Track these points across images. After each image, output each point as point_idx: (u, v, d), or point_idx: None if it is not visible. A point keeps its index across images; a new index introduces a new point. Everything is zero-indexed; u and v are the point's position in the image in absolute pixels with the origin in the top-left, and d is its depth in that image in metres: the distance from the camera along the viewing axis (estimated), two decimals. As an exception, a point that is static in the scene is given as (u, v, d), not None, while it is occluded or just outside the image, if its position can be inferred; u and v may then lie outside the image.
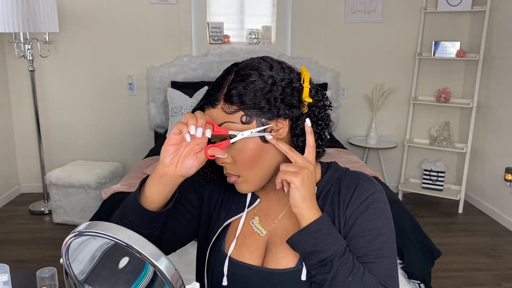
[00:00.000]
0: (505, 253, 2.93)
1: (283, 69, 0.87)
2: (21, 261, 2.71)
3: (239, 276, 0.92)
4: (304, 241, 0.83)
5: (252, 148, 0.85)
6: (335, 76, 3.70)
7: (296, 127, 0.87)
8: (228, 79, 0.85)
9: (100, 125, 3.80)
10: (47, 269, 1.10)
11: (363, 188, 0.89)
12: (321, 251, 0.81)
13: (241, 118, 0.83)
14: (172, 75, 3.60)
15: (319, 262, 0.82)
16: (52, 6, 3.15)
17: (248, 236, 0.94)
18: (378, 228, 0.87)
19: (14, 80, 3.68)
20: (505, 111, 3.34)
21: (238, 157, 0.86)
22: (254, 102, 0.83)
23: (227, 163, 0.88)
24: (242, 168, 0.87)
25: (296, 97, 0.85)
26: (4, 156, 3.66)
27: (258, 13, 3.79)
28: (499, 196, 3.41)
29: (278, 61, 0.89)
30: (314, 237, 0.82)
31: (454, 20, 3.73)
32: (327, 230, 0.82)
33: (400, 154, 3.96)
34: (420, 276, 2.04)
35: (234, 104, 0.83)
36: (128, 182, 2.44)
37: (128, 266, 0.67)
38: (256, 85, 0.83)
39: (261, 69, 0.85)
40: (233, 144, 0.85)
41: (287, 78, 0.85)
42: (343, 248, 0.82)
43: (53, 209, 3.25)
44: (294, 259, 0.89)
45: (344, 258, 0.81)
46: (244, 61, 0.89)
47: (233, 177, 0.89)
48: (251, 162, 0.86)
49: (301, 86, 0.87)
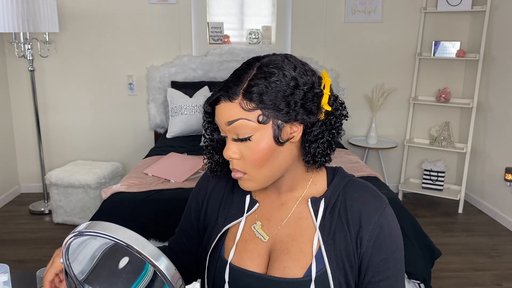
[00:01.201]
0: (505, 253, 2.92)
1: (306, 71, 0.83)
2: (21, 261, 2.71)
3: (241, 283, 0.89)
4: None
5: (265, 147, 0.82)
6: (335, 76, 3.70)
7: (310, 133, 0.84)
8: (249, 74, 0.82)
9: (100, 125, 3.80)
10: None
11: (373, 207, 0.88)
12: None
13: (258, 117, 0.80)
14: (172, 75, 3.60)
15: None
16: (52, 6, 3.15)
17: (249, 241, 0.91)
18: (394, 249, 0.88)
19: (14, 80, 3.68)
20: (505, 111, 3.34)
21: (248, 154, 0.83)
22: (274, 103, 0.80)
23: (235, 158, 0.85)
24: (249, 166, 0.84)
25: (316, 103, 0.82)
26: (4, 156, 3.66)
27: (258, 13, 3.79)
28: (499, 196, 3.41)
29: (302, 62, 0.86)
30: None
31: (454, 20, 3.73)
32: None
33: (400, 154, 3.96)
34: (420, 276, 2.04)
35: (253, 101, 0.80)
36: (128, 182, 2.44)
37: (128, 266, 0.67)
38: (278, 85, 0.80)
39: (285, 69, 0.81)
40: (245, 141, 0.82)
41: (309, 82, 0.82)
42: None
43: (53, 209, 3.25)
44: (302, 270, 0.86)
45: None
46: (267, 57, 0.85)
47: (239, 173, 0.86)
48: (260, 161, 0.83)
49: (321, 92, 0.83)
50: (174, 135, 3.42)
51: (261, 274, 0.88)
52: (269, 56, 0.86)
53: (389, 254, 0.87)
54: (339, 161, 2.71)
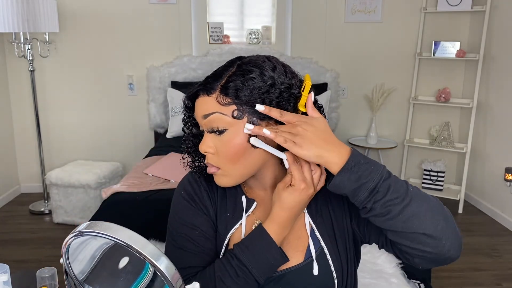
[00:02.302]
0: (505, 253, 2.93)
1: (285, 73, 0.85)
2: (21, 261, 2.71)
3: None
4: (345, 180, 0.77)
5: (238, 143, 0.83)
6: (335, 76, 3.70)
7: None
8: (229, 71, 0.84)
9: (100, 125, 3.80)
10: (47, 269, 1.10)
11: None
12: (368, 181, 0.76)
13: (233, 112, 0.82)
14: (172, 75, 3.60)
15: (370, 192, 0.76)
16: (52, 6, 3.16)
17: None
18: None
19: (14, 80, 3.68)
20: (505, 111, 3.34)
21: (222, 149, 0.84)
22: (249, 99, 0.82)
23: (210, 153, 0.86)
24: (223, 161, 0.85)
25: (292, 103, 0.84)
26: (4, 156, 3.66)
27: (258, 13, 3.79)
28: (499, 196, 3.41)
29: (283, 64, 0.87)
30: (355, 172, 0.76)
31: (454, 20, 3.73)
32: (364, 160, 0.78)
33: (400, 154, 3.96)
34: (420, 276, 2.04)
35: (229, 96, 0.82)
36: (128, 182, 2.44)
37: (128, 266, 0.67)
38: (255, 82, 0.82)
39: (264, 68, 0.83)
40: (220, 136, 0.84)
41: (287, 83, 0.84)
42: (386, 170, 0.79)
43: (53, 209, 3.25)
44: (302, 254, 0.89)
45: (393, 176, 0.79)
46: (249, 57, 0.88)
47: (213, 168, 0.87)
48: (234, 157, 0.84)
49: (299, 94, 0.85)
50: (174, 135, 3.42)
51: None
52: (251, 56, 0.88)
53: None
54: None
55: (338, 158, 0.77)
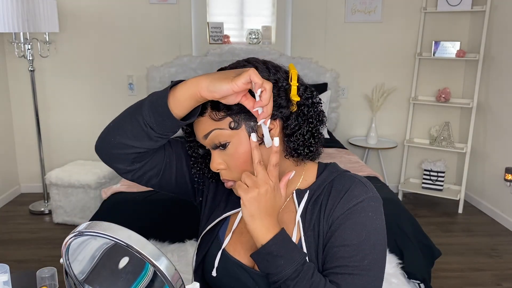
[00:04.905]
0: (505, 253, 2.93)
1: (268, 69, 0.85)
2: (21, 261, 2.71)
3: (230, 271, 0.92)
4: (258, 263, 0.82)
5: (244, 152, 0.84)
6: (335, 76, 3.70)
7: (287, 127, 0.85)
8: None
9: (100, 125, 3.74)
10: (47, 269, 1.10)
11: (354, 194, 0.85)
12: (273, 274, 0.80)
13: (230, 124, 0.82)
14: (172, 75, 3.60)
15: (274, 283, 0.81)
16: (52, 6, 3.15)
17: (244, 233, 0.93)
18: (362, 239, 0.82)
19: (14, 80, 3.68)
20: (505, 111, 3.34)
21: (232, 162, 0.85)
22: (240, 106, 0.81)
23: (222, 169, 0.87)
24: (237, 173, 0.86)
25: (284, 96, 0.83)
26: (4, 156, 3.66)
27: (258, 13, 3.79)
28: (499, 196, 3.41)
29: (263, 61, 0.87)
30: (266, 260, 0.81)
31: (454, 20, 3.73)
32: (278, 253, 0.80)
33: (400, 154, 3.96)
34: (420, 276, 2.04)
35: (221, 110, 0.82)
36: (128, 182, 2.44)
37: (128, 266, 0.67)
38: None
39: None
40: (225, 150, 0.85)
41: (272, 79, 0.83)
42: (295, 269, 0.79)
43: (53, 209, 3.25)
44: None
45: (298, 279, 0.79)
46: (229, 65, 0.87)
47: (230, 183, 0.88)
48: (244, 165, 0.85)
49: (288, 85, 0.84)
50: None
51: (250, 268, 0.90)
52: (231, 64, 0.87)
53: (355, 245, 0.82)
54: (339, 161, 2.71)
55: (262, 236, 0.81)
